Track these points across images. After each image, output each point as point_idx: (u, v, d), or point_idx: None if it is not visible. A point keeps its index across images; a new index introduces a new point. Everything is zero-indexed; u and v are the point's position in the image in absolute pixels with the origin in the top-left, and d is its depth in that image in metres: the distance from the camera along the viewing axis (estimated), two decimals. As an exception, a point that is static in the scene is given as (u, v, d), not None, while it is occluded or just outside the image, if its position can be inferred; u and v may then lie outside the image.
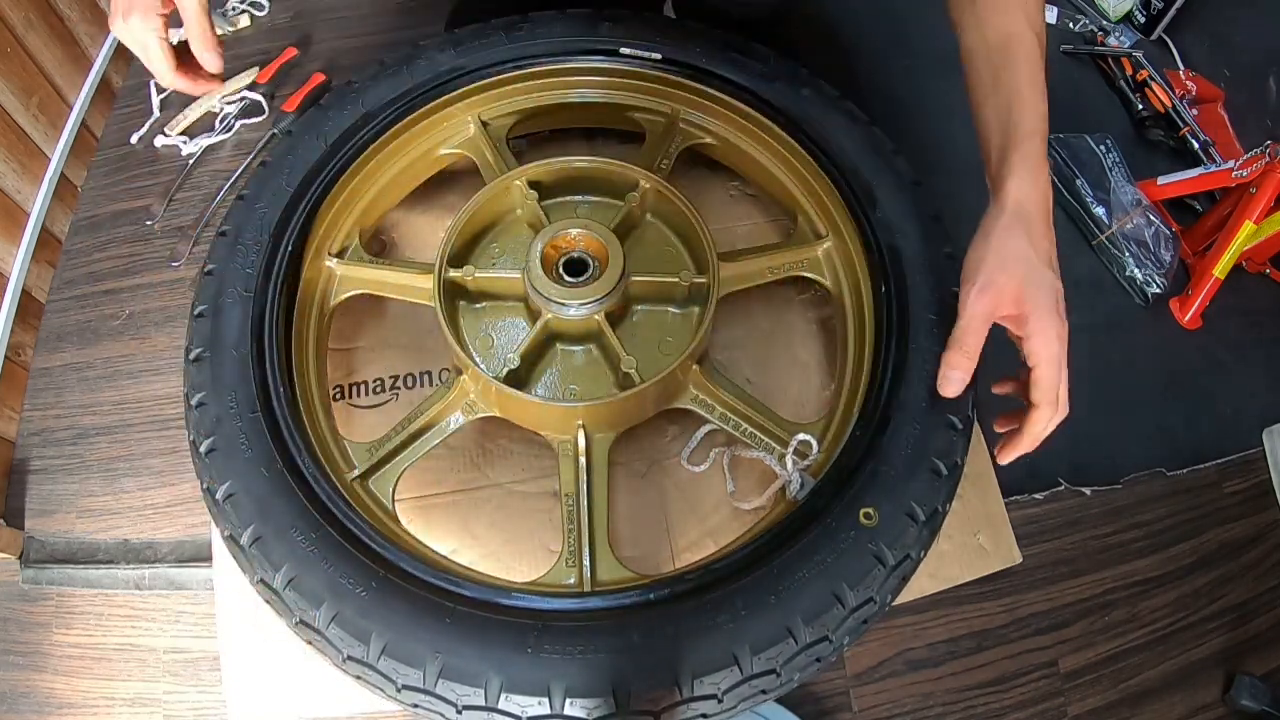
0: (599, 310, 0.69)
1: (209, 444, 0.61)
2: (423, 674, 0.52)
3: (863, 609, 0.56)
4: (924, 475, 0.60)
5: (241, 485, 0.59)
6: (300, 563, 0.56)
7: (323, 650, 0.56)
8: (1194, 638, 0.93)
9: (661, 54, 0.82)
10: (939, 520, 0.61)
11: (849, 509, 0.58)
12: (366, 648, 0.53)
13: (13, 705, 0.89)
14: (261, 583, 0.58)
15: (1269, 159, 1.04)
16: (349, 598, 0.54)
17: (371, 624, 0.53)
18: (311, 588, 0.55)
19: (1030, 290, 0.55)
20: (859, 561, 0.56)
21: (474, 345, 0.74)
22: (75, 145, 1.17)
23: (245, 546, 0.58)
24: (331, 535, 0.57)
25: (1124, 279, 1.12)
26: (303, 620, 0.56)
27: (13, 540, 0.94)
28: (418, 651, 0.53)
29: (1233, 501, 1.00)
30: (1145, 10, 1.37)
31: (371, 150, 0.79)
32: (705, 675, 0.52)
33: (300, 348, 0.72)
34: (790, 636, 0.54)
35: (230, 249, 0.70)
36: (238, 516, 0.58)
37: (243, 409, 0.62)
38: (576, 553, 0.63)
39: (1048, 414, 0.57)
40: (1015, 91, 0.58)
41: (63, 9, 1.16)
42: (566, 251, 0.72)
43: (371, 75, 0.81)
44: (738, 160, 0.85)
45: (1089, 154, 1.16)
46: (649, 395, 0.67)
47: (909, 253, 0.70)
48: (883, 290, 0.69)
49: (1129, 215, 1.11)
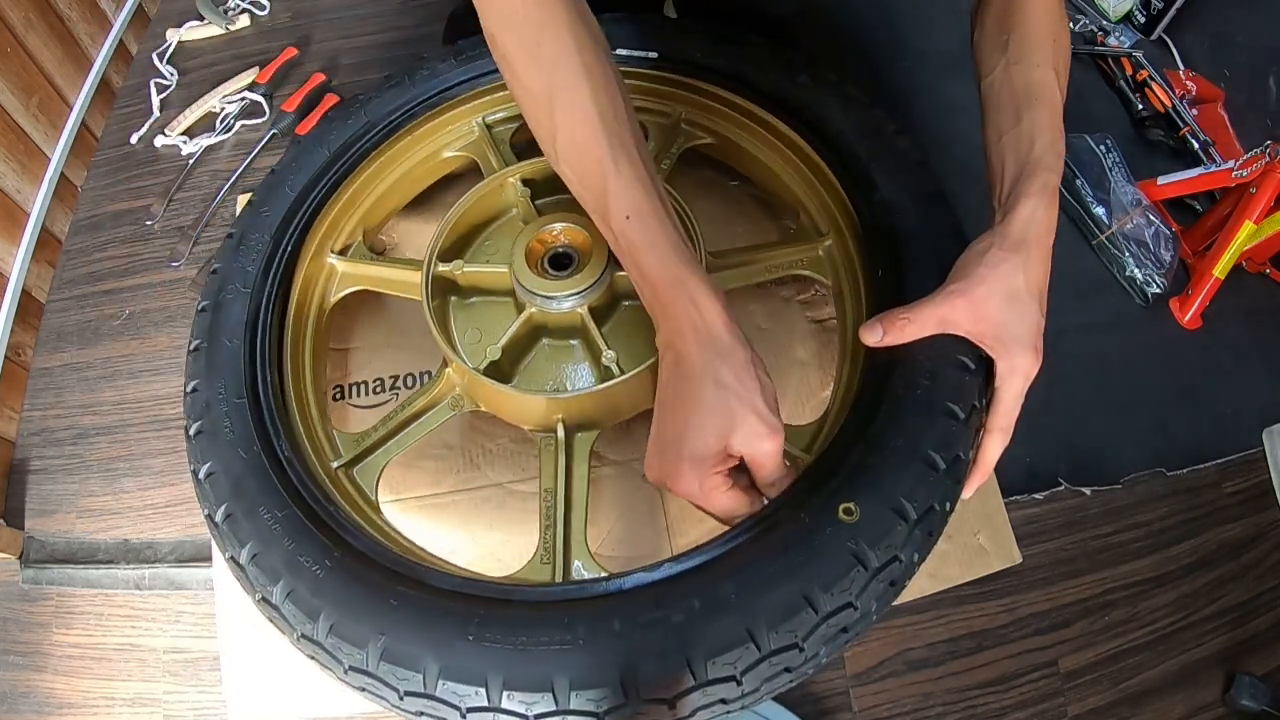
0: (582, 303, 0.69)
1: (197, 427, 0.64)
2: (422, 678, 0.50)
3: (839, 615, 0.50)
4: (916, 468, 0.54)
5: (221, 466, 0.62)
6: (263, 540, 0.57)
7: (281, 629, 0.56)
8: (1194, 638, 0.93)
9: (659, 53, 0.82)
10: (936, 520, 0.54)
11: (827, 503, 0.52)
12: (315, 625, 0.53)
13: (13, 705, 0.89)
14: (231, 559, 0.59)
15: (1269, 159, 1.04)
16: (304, 575, 0.55)
17: (323, 603, 0.53)
18: (271, 564, 0.56)
19: (1011, 319, 0.55)
20: (835, 562, 0.50)
21: (463, 340, 0.75)
22: (75, 145, 1.17)
23: (219, 524, 0.60)
24: (296, 515, 0.58)
25: (1124, 279, 1.12)
26: (263, 597, 0.57)
27: (13, 540, 0.95)
28: (364, 637, 0.51)
29: (1233, 501, 1.00)
30: (1145, 10, 1.37)
31: (375, 155, 0.82)
32: (657, 678, 0.48)
33: (298, 340, 0.75)
34: (752, 641, 0.48)
35: (235, 249, 0.74)
36: (214, 495, 0.61)
37: (230, 394, 0.65)
38: (552, 549, 0.62)
39: (1000, 441, 0.57)
40: (1038, 128, 0.58)
41: (63, 9, 1.16)
42: (552, 245, 0.73)
43: (376, 88, 0.85)
44: (739, 159, 0.85)
45: (1089, 154, 1.16)
46: (629, 389, 0.66)
47: (908, 231, 0.66)
48: (879, 273, 0.66)
49: (1129, 215, 1.11)
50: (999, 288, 0.54)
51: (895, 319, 0.58)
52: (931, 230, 0.67)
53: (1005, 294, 0.54)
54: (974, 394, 0.58)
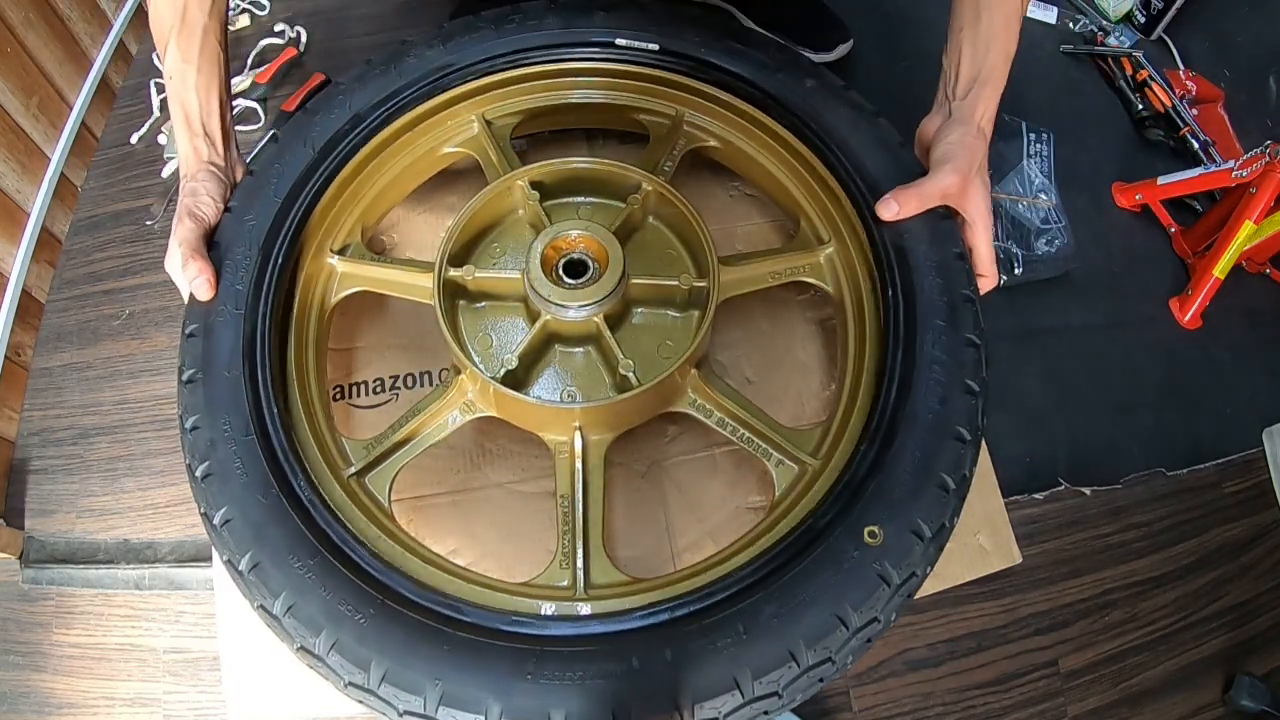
0: (598, 312, 0.69)
1: (204, 469, 0.61)
2: (423, 700, 0.52)
3: (866, 629, 0.55)
4: (931, 491, 0.58)
5: (238, 511, 0.59)
6: (298, 590, 0.56)
7: (326, 678, 0.56)
8: (1194, 638, 0.93)
9: (659, 44, 0.81)
10: (946, 536, 0.59)
11: (853, 528, 0.57)
12: (367, 675, 0.53)
13: (13, 705, 0.89)
14: (261, 609, 0.57)
15: (1269, 159, 1.04)
16: (347, 624, 0.54)
17: (370, 652, 0.53)
18: (310, 614, 0.55)
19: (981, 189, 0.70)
20: (863, 582, 0.55)
21: (473, 345, 0.74)
22: (75, 145, 1.17)
23: (244, 574, 0.57)
24: (329, 561, 0.57)
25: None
26: (303, 647, 0.56)
27: (13, 540, 0.94)
28: (416, 679, 0.52)
29: (1233, 501, 1.00)
30: (1145, 10, 1.37)
31: (370, 150, 0.78)
32: (706, 700, 0.51)
33: (300, 348, 0.72)
34: (792, 660, 0.53)
35: (218, 264, 0.69)
36: (235, 543, 0.58)
37: (236, 432, 0.61)
38: (570, 554, 0.62)
39: (989, 284, 0.70)
40: (994, 32, 0.69)
41: (63, 9, 1.16)
42: (566, 253, 0.72)
43: (358, 75, 0.80)
44: (741, 164, 0.85)
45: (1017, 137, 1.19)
46: (646, 399, 0.67)
47: (917, 254, 0.68)
48: (889, 294, 0.67)
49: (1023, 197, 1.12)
50: (974, 166, 0.69)
51: (907, 193, 0.68)
52: (940, 252, 0.69)
53: (978, 171, 0.69)
54: (977, 417, 0.62)
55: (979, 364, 0.64)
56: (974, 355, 0.64)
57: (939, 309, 0.65)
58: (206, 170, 0.73)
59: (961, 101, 0.71)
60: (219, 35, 0.72)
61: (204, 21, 0.70)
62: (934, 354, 0.63)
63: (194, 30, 0.70)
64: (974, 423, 0.61)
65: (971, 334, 0.64)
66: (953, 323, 0.65)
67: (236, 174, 0.76)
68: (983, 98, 0.70)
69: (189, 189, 0.72)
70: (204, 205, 0.71)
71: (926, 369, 0.63)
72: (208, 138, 0.73)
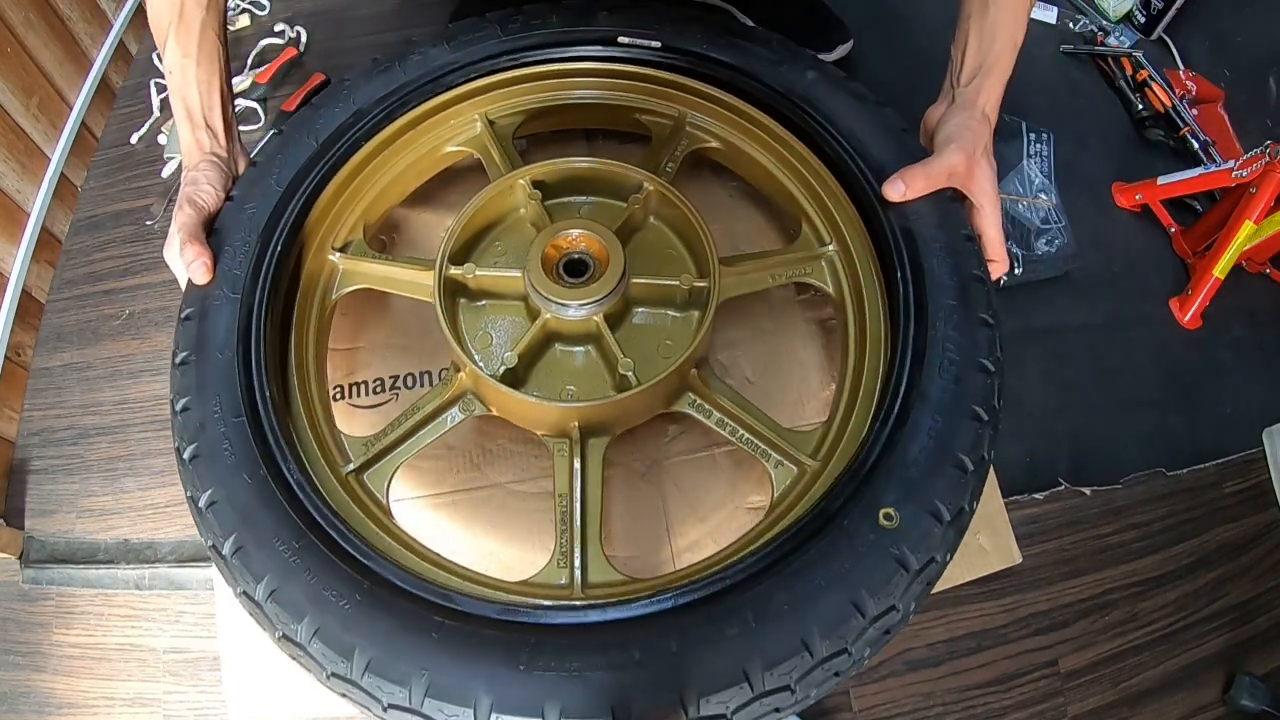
0: (598, 311, 0.69)
1: (192, 450, 0.60)
2: (409, 693, 0.49)
3: (884, 618, 0.52)
4: (949, 471, 0.56)
5: (224, 493, 0.58)
6: (282, 574, 0.54)
7: (307, 667, 0.54)
8: (1194, 638, 0.93)
9: (662, 42, 0.81)
10: (966, 519, 0.57)
11: (868, 510, 0.55)
12: (349, 664, 0.51)
13: (13, 705, 0.89)
14: (244, 595, 0.56)
15: (1269, 159, 1.04)
16: (331, 609, 0.52)
17: (355, 639, 0.51)
18: (293, 599, 0.53)
19: (988, 171, 0.70)
20: (880, 567, 0.52)
21: (473, 343, 0.74)
22: (75, 145, 1.17)
23: (226, 556, 0.56)
24: (314, 544, 0.55)
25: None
26: (285, 635, 0.53)
27: (13, 540, 0.94)
28: (403, 669, 0.50)
29: (1233, 501, 1.00)
30: (1145, 10, 1.37)
31: (372, 147, 0.78)
32: (713, 694, 0.49)
33: (300, 342, 0.72)
34: (806, 650, 0.50)
35: (217, 250, 0.70)
36: (220, 525, 0.57)
37: (227, 413, 0.61)
38: (568, 553, 0.62)
39: (1000, 269, 0.70)
40: (1000, 22, 0.70)
41: (63, 9, 1.16)
42: (567, 252, 0.72)
43: (364, 72, 0.81)
44: (743, 165, 0.85)
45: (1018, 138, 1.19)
46: (645, 399, 0.67)
47: (925, 236, 0.67)
48: (899, 276, 0.66)
49: (1024, 197, 1.12)
50: (981, 148, 0.69)
51: (913, 172, 0.68)
52: (948, 233, 0.68)
53: (983, 153, 0.70)
54: (994, 396, 0.60)
55: (993, 343, 0.62)
56: (988, 334, 0.63)
57: (949, 289, 0.64)
58: (208, 160, 0.73)
59: (965, 88, 0.72)
60: (217, 29, 0.72)
61: (201, 15, 0.70)
62: (946, 332, 0.62)
63: (192, 24, 0.70)
64: (990, 402, 0.60)
65: (984, 314, 0.64)
66: (964, 302, 0.64)
67: (239, 166, 0.77)
68: (986, 85, 0.71)
69: (190, 178, 0.72)
70: (204, 193, 0.71)
71: (939, 347, 0.61)
72: (210, 130, 0.73)
